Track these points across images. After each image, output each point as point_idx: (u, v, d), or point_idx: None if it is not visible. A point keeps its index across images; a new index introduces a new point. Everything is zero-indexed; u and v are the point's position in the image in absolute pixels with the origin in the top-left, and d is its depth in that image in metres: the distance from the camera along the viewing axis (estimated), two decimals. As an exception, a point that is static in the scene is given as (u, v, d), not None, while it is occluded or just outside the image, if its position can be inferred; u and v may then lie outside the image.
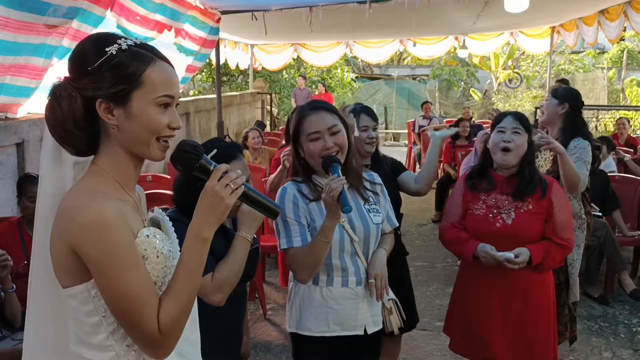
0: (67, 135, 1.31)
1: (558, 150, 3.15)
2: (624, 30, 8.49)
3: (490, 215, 2.64)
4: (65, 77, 1.33)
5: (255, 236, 2.06)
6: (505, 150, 2.65)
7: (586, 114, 8.05)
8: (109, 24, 4.30)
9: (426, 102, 11.47)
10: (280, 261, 4.99)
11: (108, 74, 1.28)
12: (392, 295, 2.32)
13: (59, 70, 3.80)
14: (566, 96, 3.47)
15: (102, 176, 1.33)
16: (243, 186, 1.39)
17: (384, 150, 3.44)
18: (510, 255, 2.52)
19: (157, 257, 1.35)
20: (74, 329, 1.33)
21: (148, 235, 1.35)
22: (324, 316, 2.17)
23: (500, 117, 2.79)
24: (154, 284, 1.32)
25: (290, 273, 2.27)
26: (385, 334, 2.39)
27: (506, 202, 2.64)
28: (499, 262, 2.52)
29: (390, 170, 3.02)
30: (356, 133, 2.83)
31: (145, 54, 1.33)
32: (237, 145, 2.11)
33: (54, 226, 1.28)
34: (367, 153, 2.88)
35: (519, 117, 2.74)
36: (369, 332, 2.25)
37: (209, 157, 1.88)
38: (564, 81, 8.08)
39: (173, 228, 1.53)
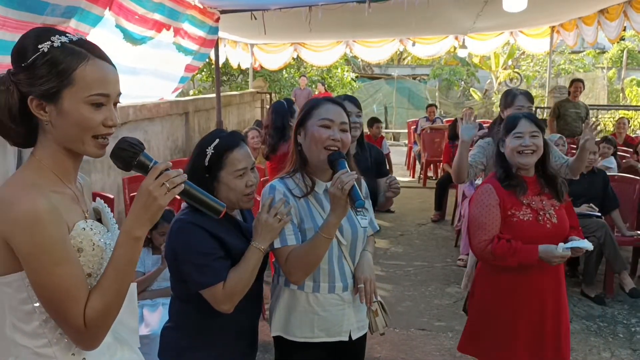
0: (3, 127, 1.34)
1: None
2: (624, 30, 8.49)
3: (539, 217, 2.61)
4: (8, 70, 1.33)
5: None
6: (527, 153, 2.64)
7: (586, 114, 8.09)
8: (108, 23, 4.29)
9: (431, 105, 11.18)
10: None
11: (39, 71, 1.29)
12: (377, 297, 2.27)
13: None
14: None
15: (40, 169, 1.35)
16: (183, 185, 1.37)
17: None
18: (580, 244, 2.56)
19: (93, 249, 1.37)
20: (9, 316, 1.35)
21: (84, 228, 1.36)
22: (309, 322, 2.13)
23: (513, 121, 2.72)
24: (84, 278, 1.34)
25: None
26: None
27: (543, 203, 2.64)
28: (565, 257, 2.54)
29: (374, 164, 3.06)
30: None
31: (79, 52, 1.32)
32: (238, 133, 2.09)
33: None
34: (351, 137, 2.92)
35: (532, 119, 2.72)
36: (354, 337, 2.21)
37: (211, 148, 1.84)
38: (580, 80, 8.13)
39: (114, 221, 1.55)
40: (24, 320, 1.33)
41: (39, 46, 1.29)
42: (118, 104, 1.41)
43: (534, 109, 12.16)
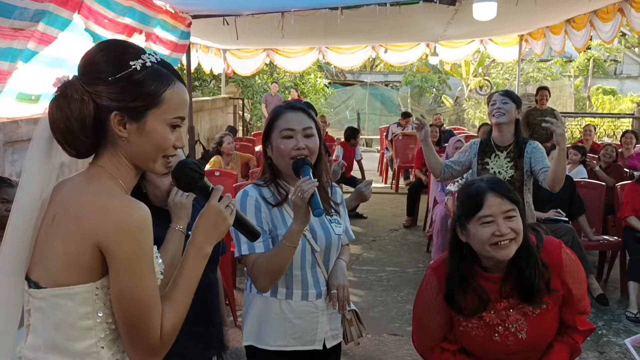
0: (71, 137, 1.28)
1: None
2: (591, 39, 8.70)
3: (496, 334, 1.95)
4: (76, 77, 1.29)
5: None
6: (504, 244, 1.84)
7: (554, 121, 8.27)
8: (77, 27, 4.22)
9: (408, 114, 10.93)
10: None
11: (128, 88, 1.27)
12: (352, 306, 2.24)
13: (23, 72, 3.71)
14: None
15: (112, 179, 1.32)
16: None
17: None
18: None
19: (156, 267, 1.37)
20: (50, 333, 1.28)
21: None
22: (282, 330, 2.09)
23: (476, 197, 1.88)
24: None
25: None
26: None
27: (511, 311, 1.94)
28: None
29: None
30: None
31: (167, 74, 1.33)
32: None
33: (69, 223, 1.25)
34: None
35: (502, 191, 1.88)
36: (328, 346, 2.17)
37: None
38: (545, 88, 8.38)
39: None
40: (76, 338, 1.28)
41: (131, 62, 1.27)
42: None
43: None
